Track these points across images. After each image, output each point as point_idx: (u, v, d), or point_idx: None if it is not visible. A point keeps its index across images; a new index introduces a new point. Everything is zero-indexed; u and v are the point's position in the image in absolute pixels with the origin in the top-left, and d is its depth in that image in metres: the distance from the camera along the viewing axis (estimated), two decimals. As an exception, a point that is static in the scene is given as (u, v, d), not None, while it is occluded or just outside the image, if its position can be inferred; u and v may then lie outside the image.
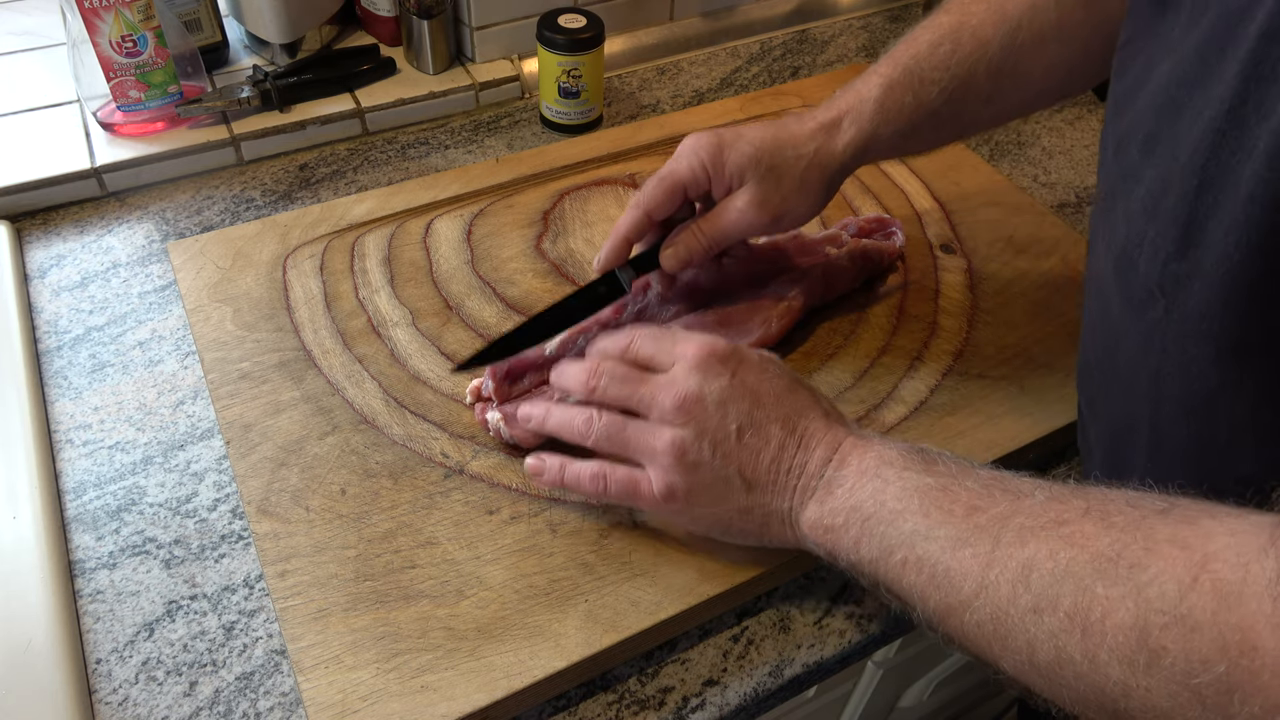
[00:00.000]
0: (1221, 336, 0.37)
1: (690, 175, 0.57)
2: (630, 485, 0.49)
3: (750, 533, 0.49)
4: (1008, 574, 0.37)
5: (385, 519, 0.53)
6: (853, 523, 0.44)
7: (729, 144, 0.56)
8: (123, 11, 0.70)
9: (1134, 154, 0.41)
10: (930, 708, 0.97)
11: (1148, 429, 0.44)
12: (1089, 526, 0.36)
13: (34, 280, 0.68)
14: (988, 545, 0.39)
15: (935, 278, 0.70)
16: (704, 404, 0.47)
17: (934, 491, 0.42)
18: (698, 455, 0.47)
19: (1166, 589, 0.32)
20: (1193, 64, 0.36)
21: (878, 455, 0.45)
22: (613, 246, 0.59)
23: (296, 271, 0.67)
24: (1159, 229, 0.38)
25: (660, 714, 0.50)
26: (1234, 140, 0.34)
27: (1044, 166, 0.86)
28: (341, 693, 0.46)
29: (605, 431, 0.49)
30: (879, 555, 0.43)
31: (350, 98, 0.82)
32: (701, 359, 0.48)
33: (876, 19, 1.06)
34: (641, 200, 0.57)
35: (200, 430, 0.60)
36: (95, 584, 0.52)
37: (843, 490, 0.45)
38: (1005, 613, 0.37)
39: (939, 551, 0.40)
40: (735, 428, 0.47)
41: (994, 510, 0.40)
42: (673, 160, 0.58)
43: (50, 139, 0.75)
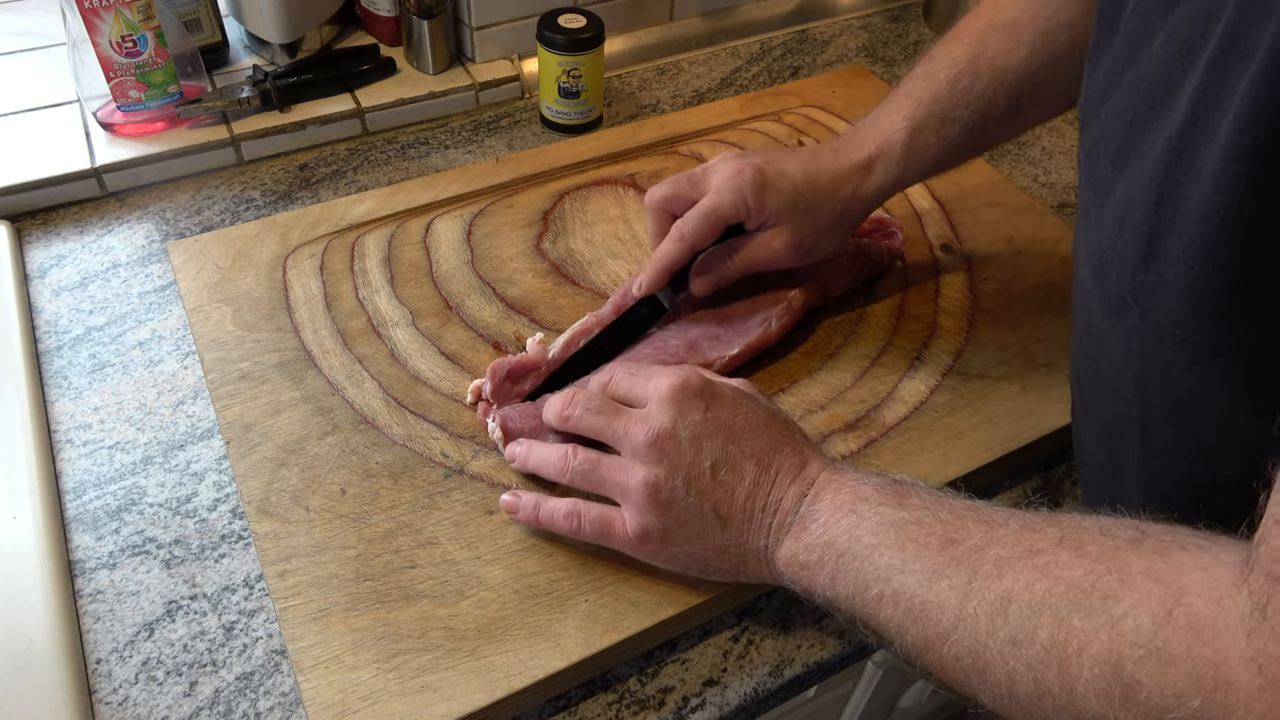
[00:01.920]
0: (1194, 342, 0.37)
1: (733, 211, 0.58)
2: (605, 525, 0.49)
3: (727, 570, 0.48)
4: (985, 606, 0.37)
5: (385, 519, 0.53)
6: (828, 559, 0.44)
7: (771, 183, 0.58)
8: (123, 11, 0.70)
9: (1105, 166, 0.42)
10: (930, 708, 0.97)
11: (1138, 431, 0.44)
12: (1063, 556, 0.36)
13: (34, 280, 0.68)
14: (964, 577, 0.39)
15: (935, 278, 0.70)
16: (677, 440, 0.47)
17: (909, 525, 0.42)
18: (670, 494, 0.46)
19: (1141, 622, 0.32)
20: (1156, 84, 0.38)
21: (852, 491, 0.45)
22: (655, 274, 0.61)
23: (296, 271, 0.67)
24: (1126, 241, 0.39)
25: (660, 714, 0.50)
26: (1186, 160, 0.35)
27: (1044, 166, 0.86)
28: (341, 693, 0.46)
29: (580, 468, 0.49)
30: (855, 591, 0.43)
31: (350, 98, 0.82)
32: (675, 393, 0.48)
33: (876, 19, 1.06)
34: (687, 234, 0.59)
35: (200, 430, 0.60)
36: (95, 584, 0.52)
37: (817, 526, 0.45)
38: (984, 645, 0.37)
39: (915, 585, 0.40)
40: (709, 465, 0.46)
41: (969, 542, 0.40)
42: (715, 194, 0.59)
43: (50, 139, 0.75)
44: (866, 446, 0.58)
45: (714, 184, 0.59)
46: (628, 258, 0.70)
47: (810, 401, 0.61)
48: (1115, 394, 0.45)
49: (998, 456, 0.58)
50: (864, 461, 0.58)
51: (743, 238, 0.61)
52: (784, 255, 0.60)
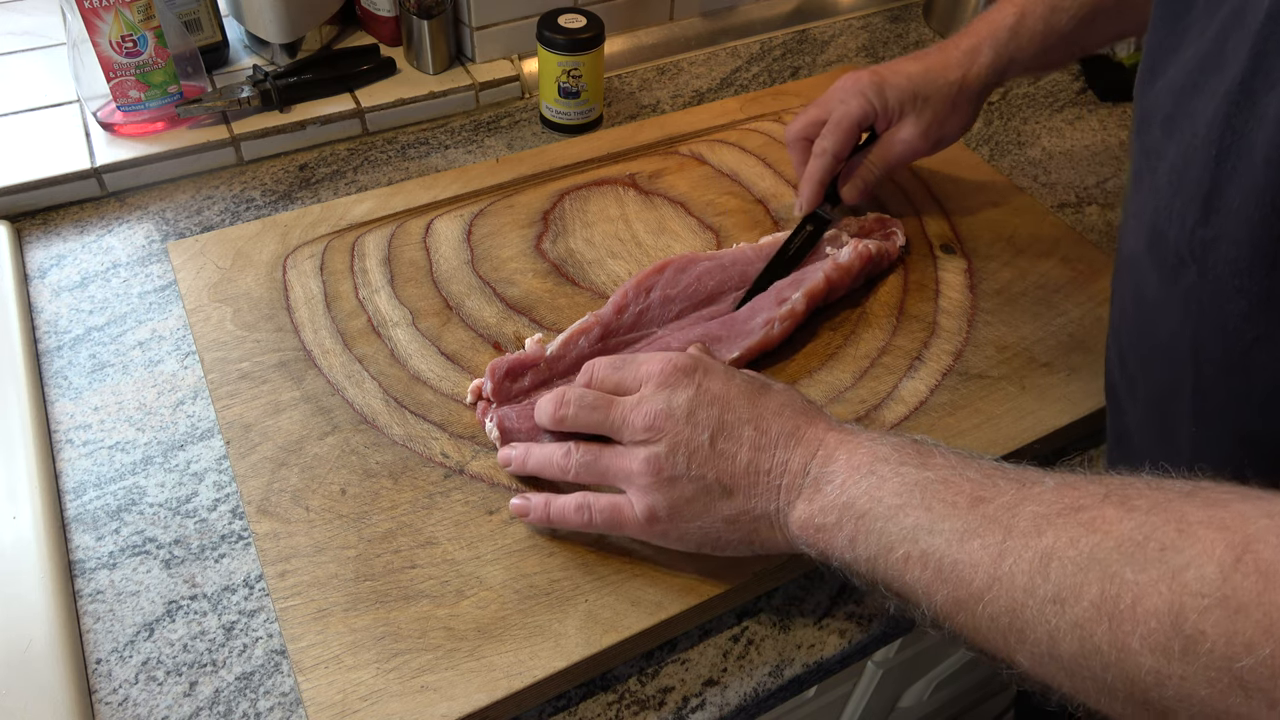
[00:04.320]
0: (1251, 292, 0.38)
1: (863, 114, 0.66)
2: (614, 512, 0.49)
3: (740, 542, 0.48)
4: (1023, 564, 0.36)
5: (385, 519, 0.53)
6: (846, 520, 0.43)
7: (887, 80, 0.66)
8: (123, 11, 0.70)
9: (1156, 133, 0.43)
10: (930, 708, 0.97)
11: (1190, 394, 0.44)
12: (1110, 511, 0.35)
13: (34, 280, 0.68)
14: (998, 535, 0.37)
15: (935, 278, 0.70)
16: (673, 417, 0.47)
17: (934, 485, 0.41)
18: (673, 470, 0.46)
19: (1206, 571, 0.31)
20: (1210, 49, 0.39)
21: (869, 451, 0.44)
22: (812, 191, 0.69)
23: (296, 271, 0.67)
24: (1184, 199, 0.40)
25: (660, 714, 0.50)
26: (1246, 110, 0.36)
27: (1044, 166, 0.86)
28: (341, 693, 0.46)
29: (582, 461, 0.50)
30: (877, 553, 0.42)
31: (350, 98, 0.82)
32: (665, 375, 0.48)
33: (876, 19, 1.06)
34: (828, 147, 0.67)
35: (200, 430, 0.60)
36: (95, 584, 0.52)
37: (832, 487, 0.44)
38: (1023, 605, 0.36)
39: (945, 545, 0.39)
40: (707, 436, 0.47)
41: (1000, 500, 0.39)
42: (840, 104, 0.67)
43: (50, 139, 0.75)
44: (866, 446, 0.58)
45: (837, 96, 0.67)
46: (628, 258, 0.70)
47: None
48: (1169, 360, 0.45)
49: (998, 457, 0.58)
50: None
51: (876, 141, 0.68)
52: (916, 143, 0.67)
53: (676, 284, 0.64)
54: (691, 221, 0.74)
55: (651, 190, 0.76)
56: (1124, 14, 0.62)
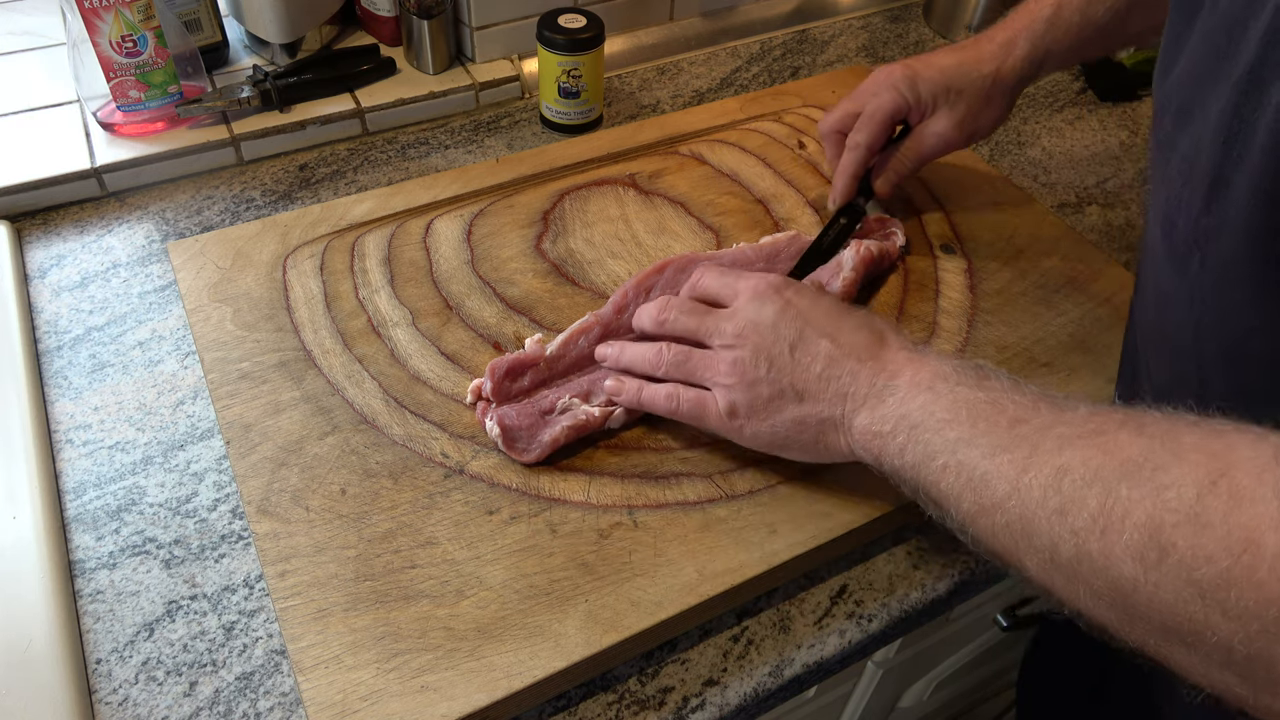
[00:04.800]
0: (1247, 282, 0.39)
1: (895, 108, 0.66)
2: (699, 404, 0.54)
3: (806, 444, 0.51)
4: (1040, 479, 0.39)
5: (385, 519, 0.53)
6: (900, 430, 0.46)
7: (920, 73, 0.66)
8: (123, 11, 0.70)
9: (1168, 124, 0.44)
10: (930, 708, 0.97)
11: (1195, 382, 0.45)
12: (1124, 436, 0.38)
13: (34, 280, 0.68)
14: (1025, 451, 0.40)
15: (935, 278, 0.70)
16: (759, 327, 0.52)
17: (982, 404, 0.44)
18: (755, 373, 0.51)
19: (1184, 491, 0.34)
20: (1220, 40, 0.40)
21: (933, 370, 0.48)
22: (845, 183, 0.70)
23: (296, 271, 0.67)
24: (1192, 188, 0.41)
25: (660, 714, 0.50)
26: (1254, 99, 0.37)
27: (1044, 166, 0.86)
28: (341, 693, 0.46)
29: (674, 360, 0.55)
30: (921, 460, 0.45)
31: (350, 98, 0.83)
32: (759, 289, 0.53)
33: (876, 19, 1.06)
34: (861, 141, 0.68)
35: (200, 430, 0.60)
36: (95, 584, 0.52)
37: (894, 400, 0.47)
38: (1034, 514, 0.39)
39: (979, 457, 0.42)
40: (788, 345, 0.51)
41: (1036, 421, 0.42)
42: (873, 97, 0.67)
43: (50, 139, 0.75)
44: (866, 446, 0.58)
45: (870, 90, 0.67)
46: (628, 258, 0.70)
47: (810, 401, 0.61)
48: (1175, 350, 0.46)
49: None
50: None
51: (910, 134, 0.68)
52: (949, 136, 0.67)
53: (676, 284, 0.64)
54: (691, 221, 0.74)
55: (651, 190, 0.76)
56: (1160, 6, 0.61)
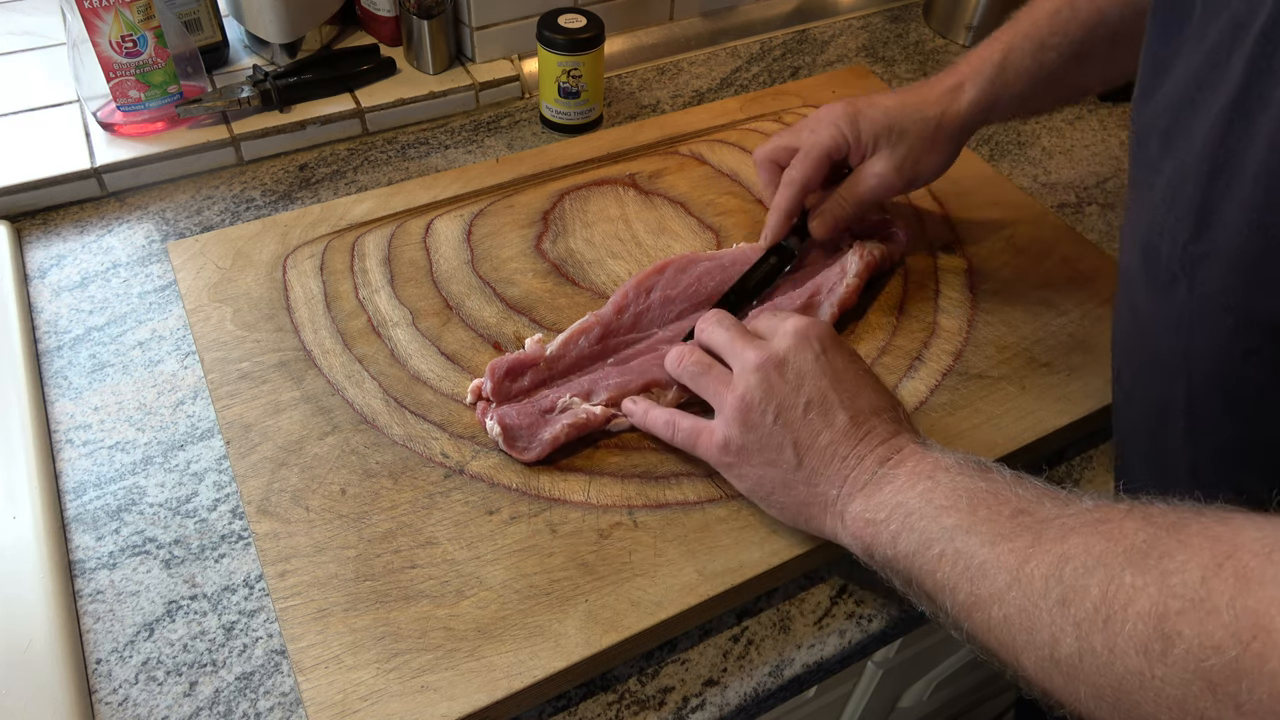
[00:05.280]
0: (1239, 309, 0.38)
1: (834, 145, 0.63)
2: (694, 434, 0.53)
3: (787, 508, 0.50)
4: (1042, 568, 0.37)
5: (385, 519, 0.53)
6: (895, 517, 0.45)
7: (863, 112, 0.62)
8: (123, 11, 0.70)
9: (1153, 149, 0.43)
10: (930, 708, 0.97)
11: (1183, 406, 0.45)
12: (1129, 524, 0.36)
13: (34, 280, 0.68)
14: (1027, 540, 0.39)
15: (935, 278, 0.70)
16: (784, 370, 0.50)
17: (984, 494, 0.43)
18: (760, 416, 0.49)
19: (1189, 576, 0.32)
20: (1207, 65, 0.39)
21: (935, 461, 0.46)
22: (777, 223, 0.66)
23: (296, 271, 0.67)
24: (1178, 215, 0.40)
25: (660, 714, 0.50)
26: (1240, 129, 0.36)
27: (1044, 166, 0.86)
28: (341, 693, 0.46)
29: (691, 368, 0.54)
30: (916, 549, 0.43)
31: (350, 98, 0.82)
32: (800, 330, 0.51)
33: (876, 19, 1.06)
34: (795, 178, 0.64)
35: (200, 430, 0.60)
36: (95, 584, 0.52)
37: (892, 488, 0.46)
38: (1035, 605, 0.37)
39: (978, 545, 0.41)
40: (805, 401, 0.49)
41: (1040, 513, 0.40)
42: (811, 134, 0.64)
43: (50, 139, 0.75)
44: (866, 446, 0.58)
45: (810, 125, 0.64)
46: (628, 258, 0.70)
47: (810, 401, 0.61)
48: (1161, 373, 0.46)
49: (998, 456, 0.58)
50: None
51: (850, 175, 0.65)
52: (888, 180, 0.63)
53: (677, 284, 0.64)
54: (691, 221, 0.74)
55: (651, 190, 0.76)
56: (1115, 57, 0.60)
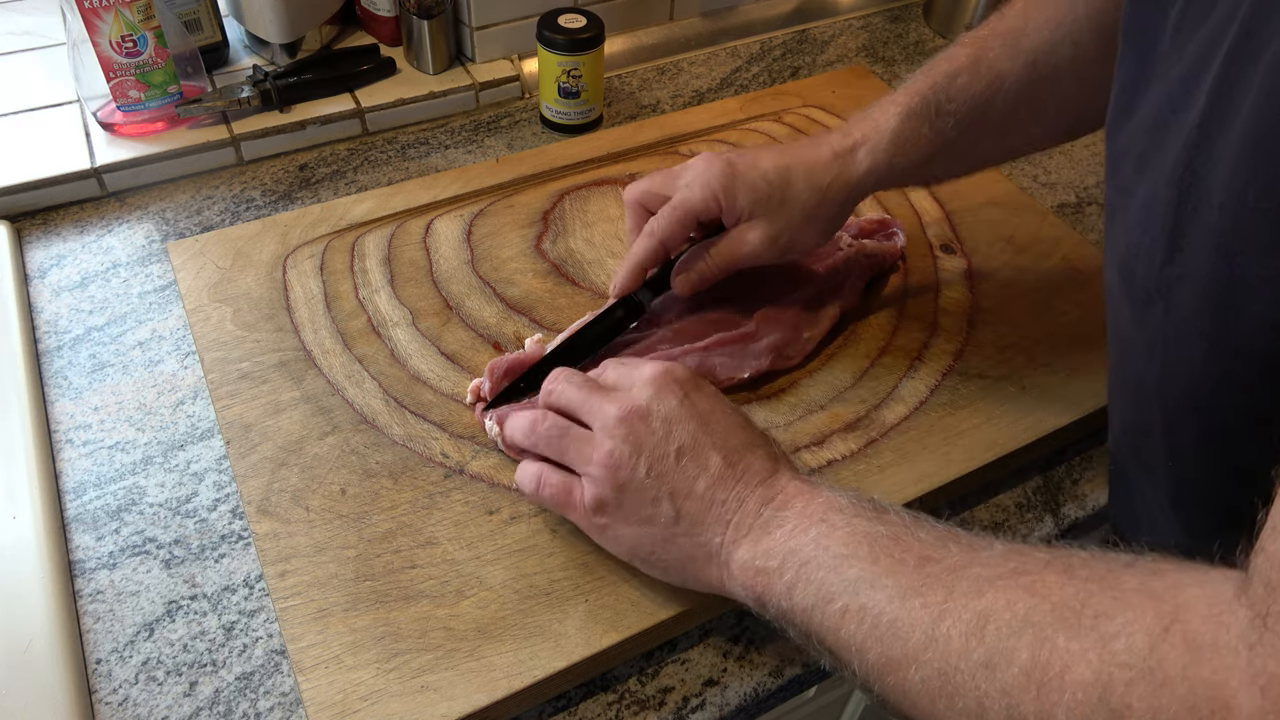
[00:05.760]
0: (1212, 333, 0.37)
1: (703, 206, 0.58)
2: (564, 492, 0.49)
3: (670, 566, 0.47)
4: (960, 626, 0.35)
5: (385, 519, 0.53)
6: (789, 566, 0.42)
7: (741, 175, 0.57)
8: (123, 11, 0.70)
9: (1129, 170, 0.42)
10: (930, 708, 0.97)
11: (1161, 427, 0.44)
12: (1051, 577, 0.34)
13: (34, 280, 0.68)
14: (940, 595, 0.36)
15: (935, 278, 0.70)
16: (649, 420, 0.46)
17: (884, 539, 0.40)
18: (631, 472, 0.46)
19: (1134, 641, 0.30)
20: (1177, 90, 0.39)
21: (826, 501, 0.43)
22: (628, 274, 0.60)
23: (296, 271, 0.67)
24: (1152, 238, 0.39)
25: (660, 714, 0.50)
26: (1204, 152, 0.36)
27: (1044, 166, 0.86)
28: (341, 693, 0.46)
29: (548, 433, 0.49)
30: (815, 603, 0.40)
31: (350, 98, 0.82)
32: (658, 377, 0.48)
33: (876, 19, 1.06)
34: (656, 231, 0.59)
35: (200, 430, 0.60)
36: (95, 584, 0.52)
37: (782, 532, 0.43)
38: (955, 668, 0.34)
39: (885, 601, 0.38)
40: (675, 449, 0.46)
41: (948, 561, 0.38)
42: (685, 189, 0.58)
43: (50, 139, 0.75)
44: (866, 446, 0.58)
45: (685, 180, 0.58)
46: (628, 258, 0.70)
47: (810, 401, 0.61)
48: (1139, 392, 0.45)
49: (998, 456, 0.58)
50: (864, 461, 0.58)
51: (721, 234, 0.60)
52: (759, 249, 0.58)
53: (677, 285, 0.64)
54: (691, 221, 0.74)
55: (651, 190, 0.76)
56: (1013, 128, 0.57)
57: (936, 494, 0.57)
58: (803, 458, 0.58)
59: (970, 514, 0.60)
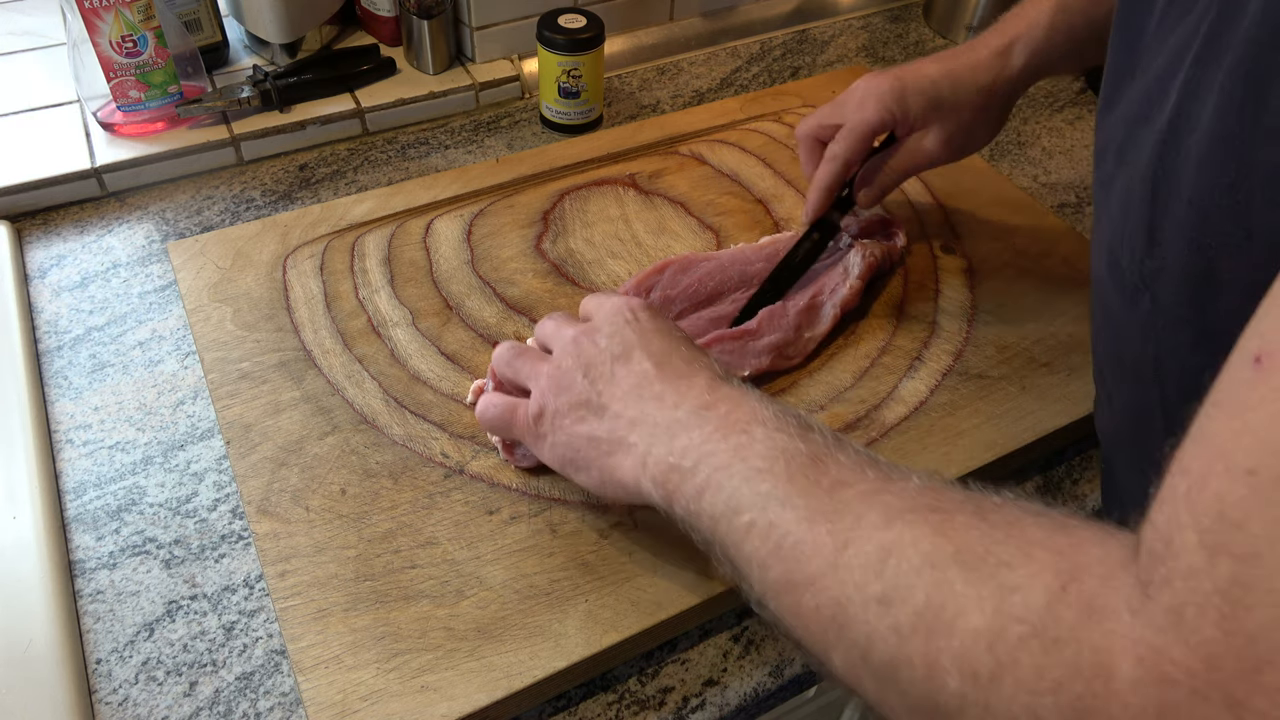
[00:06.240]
0: (1194, 323, 0.38)
1: (880, 123, 0.62)
2: (509, 410, 0.51)
3: (594, 466, 0.46)
4: (862, 557, 0.34)
5: (385, 519, 0.53)
6: (702, 469, 0.41)
7: (909, 86, 0.61)
8: (123, 11, 0.70)
9: (1110, 162, 0.43)
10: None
11: (1160, 414, 0.44)
12: (961, 518, 0.33)
13: (34, 280, 0.68)
14: (848, 522, 0.35)
15: (935, 278, 0.70)
16: (595, 336, 0.48)
17: (801, 458, 0.39)
18: (571, 378, 0.48)
19: (1032, 597, 0.29)
20: (1154, 86, 0.39)
21: (750, 411, 0.42)
22: (819, 198, 0.64)
23: (296, 271, 0.67)
24: (1131, 230, 0.40)
25: (660, 714, 0.50)
26: (1173, 149, 0.37)
27: (1044, 166, 0.86)
28: (341, 693, 0.46)
29: (507, 354, 0.52)
30: (723, 512, 0.40)
31: (350, 98, 0.82)
32: (616, 305, 0.50)
33: (876, 19, 1.06)
34: (839, 154, 0.63)
35: (200, 430, 0.60)
36: (95, 584, 0.52)
37: (700, 434, 0.42)
38: (850, 599, 0.34)
39: (793, 521, 0.37)
40: (610, 357, 0.47)
41: (862, 486, 0.37)
42: (858, 111, 0.62)
43: (50, 139, 0.75)
44: (866, 446, 0.58)
45: (856, 100, 0.62)
46: (628, 258, 0.70)
47: (810, 401, 0.61)
48: (1136, 378, 0.45)
49: (998, 456, 0.58)
50: (864, 461, 0.58)
51: (895, 145, 0.64)
52: (937, 153, 0.62)
53: (677, 285, 0.64)
54: (691, 221, 0.74)
55: (651, 190, 0.76)
56: None
57: (936, 494, 0.57)
58: (803, 458, 0.58)
59: (970, 514, 0.60)
